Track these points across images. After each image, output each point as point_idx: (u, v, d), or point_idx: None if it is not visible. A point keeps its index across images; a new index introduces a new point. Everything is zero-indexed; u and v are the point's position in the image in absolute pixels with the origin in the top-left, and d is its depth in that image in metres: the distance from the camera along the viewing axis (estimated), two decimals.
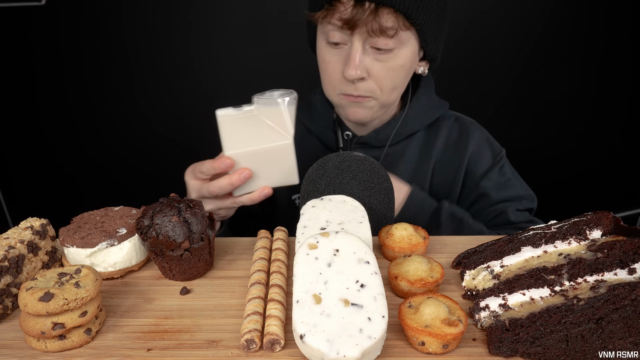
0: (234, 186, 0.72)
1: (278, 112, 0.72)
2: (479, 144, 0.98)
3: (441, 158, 0.97)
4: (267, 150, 0.72)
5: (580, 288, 0.48)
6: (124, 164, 1.87)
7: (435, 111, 0.98)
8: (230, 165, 0.71)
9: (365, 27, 0.76)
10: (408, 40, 0.80)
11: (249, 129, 0.73)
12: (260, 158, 0.73)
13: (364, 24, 0.75)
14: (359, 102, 0.85)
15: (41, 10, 1.61)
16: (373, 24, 0.75)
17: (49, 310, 0.46)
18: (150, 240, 0.58)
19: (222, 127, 0.73)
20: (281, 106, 0.72)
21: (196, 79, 1.75)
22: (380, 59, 0.80)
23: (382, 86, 0.83)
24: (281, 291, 0.55)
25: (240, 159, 0.72)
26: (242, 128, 0.73)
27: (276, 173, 0.74)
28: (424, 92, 0.96)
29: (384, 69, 0.81)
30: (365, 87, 0.83)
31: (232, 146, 0.72)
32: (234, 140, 0.73)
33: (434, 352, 0.47)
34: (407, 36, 0.79)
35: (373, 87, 0.83)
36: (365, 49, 0.79)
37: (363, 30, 0.77)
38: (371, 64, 0.81)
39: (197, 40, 1.68)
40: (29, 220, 0.61)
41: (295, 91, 0.76)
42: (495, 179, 0.95)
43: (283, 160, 0.73)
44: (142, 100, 1.77)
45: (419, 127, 0.96)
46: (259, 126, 0.73)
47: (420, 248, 0.63)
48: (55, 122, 1.80)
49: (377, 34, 0.76)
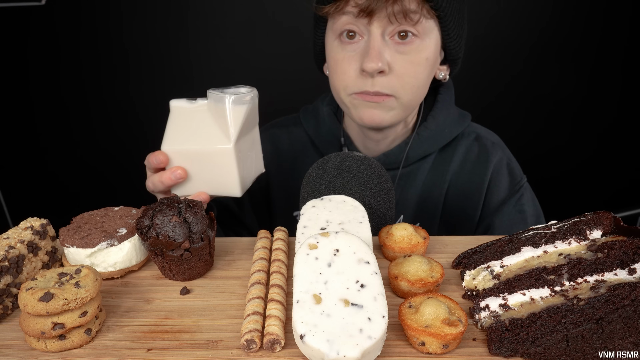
0: (164, 185, 0.67)
1: (222, 112, 0.64)
2: (497, 169, 0.86)
3: (456, 183, 0.87)
4: (204, 153, 0.65)
5: (580, 288, 0.48)
6: (124, 164, 1.87)
7: (454, 129, 0.86)
8: (162, 161, 0.67)
9: (384, 11, 0.68)
10: (431, 31, 0.72)
11: (192, 126, 0.66)
12: (196, 160, 0.66)
13: (384, 8, 0.68)
14: (376, 101, 0.75)
15: (41, 11, 1.61)
16: (395, 6, 0.67)
17: (49, 310, 0.46)
18: (150, 240, 0.58)
19: (170, 118, 0.68)
20: (226, 105, 0.63)
21: (194, 82, 1.74)
22: (402, 51, 0.72)
23: (404, 83, 0.74)
24: (281, 291, 0.55)
25: (174, 157, 0.67)
26: (189, 123, 0.66)
27: (214, 180, 0.67)
28: (442, 107, 0.86)
29: (406, 62, 0.72)
30: (385, 82, 0.73)
31: (169, 141, 0.67)
32: (174, 135, 0.67)
33: (434, 352, 0.47)
34: (430, 26, 0.72)
35: (394, 84, 0.73)
36: (385, 40, 0.72)
37: (383, 16, 0.69)
38: (392, 57, 0.72)
39: (196, 43, 1.68)
40: (29, 220, 0.61)
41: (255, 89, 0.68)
42: (510, 215, 0.84)
43: (222, 167, 0.66)
44: (139, 102, 1.77)
45: (433, 149, 0.86)
46: (205, 124, 0.66)
47: (420, 248, 0.63)
48: (53, 123, 1.79)
49: (399, 20, 0.68)
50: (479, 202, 0.87)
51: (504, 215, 0.85)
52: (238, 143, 0.65)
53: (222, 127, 0.65)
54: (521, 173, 0.89)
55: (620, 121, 1.85)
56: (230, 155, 0.64)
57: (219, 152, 0.65)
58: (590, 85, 1.78)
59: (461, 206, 0.87)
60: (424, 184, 0.87)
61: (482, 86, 1.75)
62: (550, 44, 1.69)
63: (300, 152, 0.95)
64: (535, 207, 0.87)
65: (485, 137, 0.90)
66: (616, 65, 1.75)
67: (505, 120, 1.65)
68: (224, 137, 0.64)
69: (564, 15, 1.66)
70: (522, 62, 1.73)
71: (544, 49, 1.70)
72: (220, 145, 0.64)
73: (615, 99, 1.81)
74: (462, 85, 1.03)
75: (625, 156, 1.91)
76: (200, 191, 0.69)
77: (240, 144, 0.66)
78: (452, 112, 0.88)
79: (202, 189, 0.69)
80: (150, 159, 0.68)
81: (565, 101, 1.80)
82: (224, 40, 1.67)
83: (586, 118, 1.83)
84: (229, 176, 0.66)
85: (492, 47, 1.69)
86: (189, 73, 1.73)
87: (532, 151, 1.79)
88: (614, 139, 1.88)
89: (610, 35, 1.70)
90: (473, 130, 0.91)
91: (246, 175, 0.70)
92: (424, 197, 0.88)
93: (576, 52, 1.72)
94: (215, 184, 0.68)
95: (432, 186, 0.87)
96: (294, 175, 0.92)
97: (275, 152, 0.95)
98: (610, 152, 1.90)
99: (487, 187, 0.86)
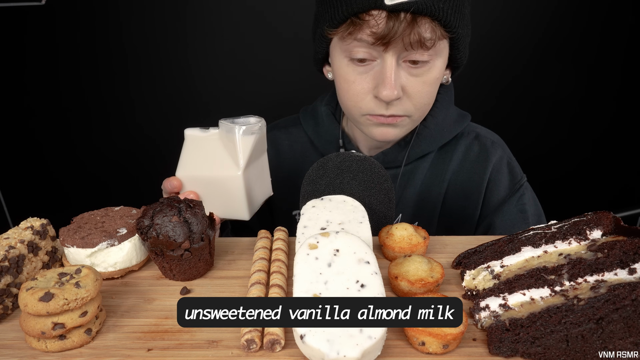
0: None
1: (233, 142, 0.68)
2: (497, 168, 0.86)
3: (455, 182, 0.87)
4: (215, 179, 0.70)
5: (580, 288, 0.48)
6: (124, 164, 1.87)
7: (453, 129, 0.86)
8: (176, 186, 0.71)
9: (402, 41, 0.67)
10: (443, 50, 0.72)
11: (206, 153, 0.71)
12: (207, 185, 0.71)
13: (400, 39, 0.67)
14: (390, 122, 0.76)
15: (41, 11, 1.61)
16: (412, 36, 0.67)
17: (49, 310, 0.46)
18: (150, 240, 0.58)
19: (185, 146, 0.73)
20: (235, 135, 0.67)
21: (193, 84, 1.74)
22: (415, 74, 0.72)
23: (417, 103, 0.75)
24: (281, 291, 0.55)
25: (187, 182, 0.72)
26: (202, 151, 0.71)
27: (224, 204, 0.71)
28: (441, 107, 0.86)
29: (419, 84, 0.73)
30: (400, 106, 0.74)
31: (183, 168, 0.72)
32: (188, 162, 0.72)
33: (434, 352, 0.47)
34: (442, 46, 0.71)
35: (408, 106, 0.75)
36: (399, 64, 0.71)
37: (399, 45, 0.68)
38: (406, 81, 0.72)
39: (194, 44, 1.67)
40: (29, 220, 0.61)
41: (263, 120, 0.71)
42: (512, 215, 0.84)
43: (231, 193, 0.70)
44: (138, 102, 1.77)
45: (432, 148, 0.86)
46: (216, 152, 0.70)
47: (421, 248, 0.63)
48: (52, 123, 1.79)
49: (415, 47, 0.68)
50: (478, 201, 0.87)
51: (505, 214, 0.84)
52: (247, 170, 0.69)
53: (232, 155, 0.69)
54: (521, 172, 0.88)
55: (620, 121, 1.85)
56: (239, 182, 0.68)
57: (229, 179, 0.69)
58: (590, 86, 1.78)
59: (461, 205, 0.87)
60: (423, 183, 0.87)
61: (482, 87, 1.75)
62: (551, 45, 1.70)
63: (300, 153, 0.95)
64: (536, 207, 0.87)
65: (485, 136, 0.90)
66: (616, 66, 1.75)
67: (505, 122, 1.66)
68: (233, 164, 0.69)
69: (565, 17, 1.66)
70: (522, 64, 1.73)
71: (545, 51, 1.70)
72: (230, 172, 0.68)
73: (615, 100, 1.81)
74: (462, 86, 1.03)
75: (625, 156, 1.91)
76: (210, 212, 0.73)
77: (249, 171, 0.70)
78: (451, 112, 0.87)
79: (213, 211, 0.72)
80: (165, 185, 0.71)
81: (565, 102, 1.80)
82: (223, 40, 1.67)
83: (586, 118, 1.83)
84: (238, 201, 0.70)
85: (492, 49, 1.69)
86: (188, 74, 1.73)
87: (533, 151, 1.79)
88: (614, 139, 1.88)
89: (610, 36, 1.70)
90: (473, 129, 0.90)
91: (254, 200, 0.73)
92: (423, 196, 0.87)
93: (577, 53, 1.72)
94: (225, 207, 0.72)
95: (432, 185, 0.87)
96: (294, 175, 0.92)
97: (276, 152, 0.95)
98: (610, 152, 1.90)
99: (487, 186, 0.86)
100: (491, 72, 1.74)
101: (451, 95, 0.89)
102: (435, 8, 0.65)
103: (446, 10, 0.66)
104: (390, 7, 0.65)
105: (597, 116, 1.84)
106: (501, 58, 1.72)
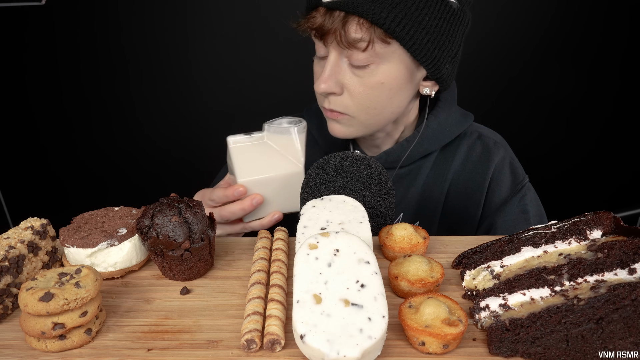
0: (245, 212, 0.74)
1: (289, 141, 0.75)
2: (499, 168, 0.86)
3: (457, 181, 0.87)
4: (279, 178, 0.75)
5: (580, 288, 0.48)
6: (124, 164, 1.87)
7: (455, 129, 0.86)
8: (243, 193, 0.73)
9: (334, 38, 0.70)
10: (390, 55, 0.71)
11: (260, 157, 0.75)
12: (271, 185, 0.75)
13: (333, 35, 0.70)
14: (331, 117, 0.80)
15: (41, 10, 1.61)
16: (341, 33, 0.69)
17: (49, 310, 0.46)
18: (150, 240, 0.58)
19: (234, 154, 0.75)
20: (292, 135, 0.75)
21: (194, 85, 1.74)
22: (357, 74, 0.74)
23: (357, 104, 0.76)
24: (281, 291, 0.55)
25: (252, 186, 0.74)
26: (254, 155, 0.75)
27: (286, 199, 0.76)
28: (442, 107, 0.86)
29: (360, 84, 0.74)
30: (337, 101, 0.77)
31: (245, 173, 0.74)
32: (246, 167, 0.75)
33: (434, 352, 0.47)
34: (388, 50, 0.71)
35: (347, 103, 0.76)
36: (343, 61, 0.74)
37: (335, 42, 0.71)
38: (347, 79, 0.74)
39: (195, 44, 1.68)
40: (29, 220, 0.61)
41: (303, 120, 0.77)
42: (513, 215, 0.84)
43: (293, 187, 0.74)
44: (138, 102, 1.77)
45: (434, 148, 0.86)
46: (270, 154, 0.76)
47: (421, 248, 0.63)
48: (52, 123, 1.79)
49: (347, 46, 0.70)
50: (480, 201, 0.86)
51: (506, 214, 0.84)
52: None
53: (289, 154, 0.76)
54: (523, 173, 0.88)
55: (619, 121, 1.85)
56: (301, 177, 0.74)
57: (292, 176, 0.75)
58: (590, 86, 1.78)
59: (462, 205, 0.87)
60: (425, 182, 0.87)
61: (482, 87, 1.75)
62: (551, 45, 1.70)
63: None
64: (538, 207, 0.86)
65: (487, 136, 0.89)
66: (615, 67, 1.75)
67: (504, 122, 1.65)
68: (293, 162, 0.76)
69: (565, 18, 1.67)
70: (522, 64, 1.73)
71: (544, 51, 1.71)
72: (293, 169, 0.75)
73: (615, 100, 1.81)
74: (462, 86, 1.03)
75: (625, 156, 1.92)
76: (275, 210, 0.77)
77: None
78: (453, 111, 0.87)
79: (275, 209, 0.77)
80: (230, 193, 0.73)
81: (565, 102, 1.80)
82: (223, 39, 1.67)
83: (586, 118, 1.84)
84: (296, 194, 0.73)
85: (492, 49, 1.69)
86: (189, 74, 1.73)
87: (533, 151, 1.79)
88: (613, 139, 1.88)
89: (610, 36, 1.70)
90: (475, 129, 0.90)
91: None
92: (424, 195, 0.87)
93: (576, 53, 1.72)
94: (285, 203, 0.77)
95: (433, 185, 0.87)
96: None
97: None
98: (609, 152, 1.90)
99: (488, 186, 0.86)
100: (491, 72, 1.74)
101: (454, 95, 0.89)
102: (366, 9, 0.66)
103: (381, 12, 0.66)
104: (326, 4, 0.70)
105: (596, 116, 1.84)
106: (501, 58, 1.72)
